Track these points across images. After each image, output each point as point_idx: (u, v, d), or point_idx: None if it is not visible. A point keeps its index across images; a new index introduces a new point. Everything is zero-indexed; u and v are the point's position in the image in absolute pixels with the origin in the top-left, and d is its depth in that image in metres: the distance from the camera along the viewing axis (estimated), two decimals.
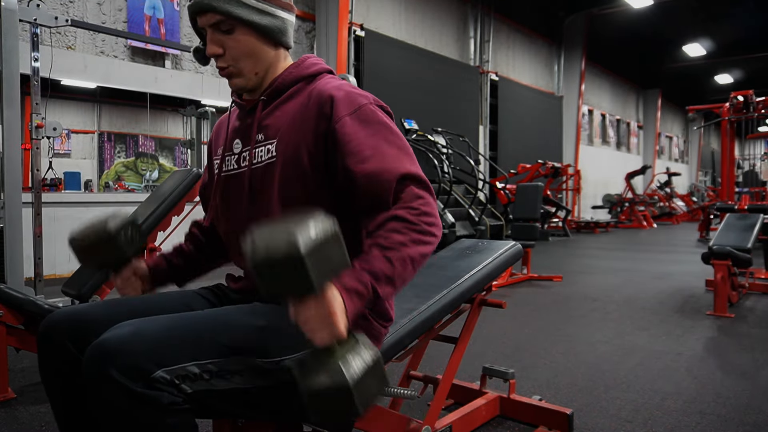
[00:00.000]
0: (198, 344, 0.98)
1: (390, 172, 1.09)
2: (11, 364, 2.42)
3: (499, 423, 2.03)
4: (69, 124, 7.99)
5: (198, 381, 0.96)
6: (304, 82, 1.24)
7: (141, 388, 0.90)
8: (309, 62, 1.27)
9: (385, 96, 7.55)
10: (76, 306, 1.18)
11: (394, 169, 1.09)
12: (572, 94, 15.06)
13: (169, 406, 0.92)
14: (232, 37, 1.16)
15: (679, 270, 6.19)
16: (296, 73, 1.24)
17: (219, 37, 1.17)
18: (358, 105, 1.16)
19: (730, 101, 7.54)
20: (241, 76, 1.20)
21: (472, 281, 1.64)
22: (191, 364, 0.96)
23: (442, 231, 1.11)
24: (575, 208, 13.96)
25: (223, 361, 0.99)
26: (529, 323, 3.62)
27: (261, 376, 1.03)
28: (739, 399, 2.28)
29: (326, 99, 1.16)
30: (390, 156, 1.11)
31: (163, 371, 0.93)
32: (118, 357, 0.91)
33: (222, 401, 1.01)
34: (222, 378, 0.99)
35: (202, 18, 1.17)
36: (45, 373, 1.13)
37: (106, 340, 0.94)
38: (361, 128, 1.13)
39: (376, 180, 1.09)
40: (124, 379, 0.90)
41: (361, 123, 1.14)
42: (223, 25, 1.15)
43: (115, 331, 0.95)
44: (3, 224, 2.77)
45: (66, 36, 5.87)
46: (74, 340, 1.10)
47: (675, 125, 24.03)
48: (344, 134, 1.13)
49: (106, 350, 0.92)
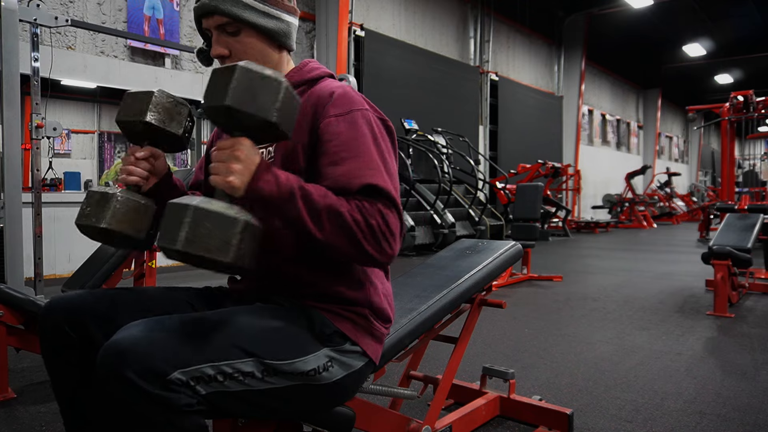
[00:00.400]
0: (213, 346, 0.99)
1: (357, 178, 1.06)
2: (11, 364, 2.42)
3: (499, 423, 2.03)
4: (69, 124, 8.00)
5: (212, 383, 0.97)
6: (306, 86, 1.24)
7: (158, 389, 0.90)
8: (310, 66, 1.28)
9: (385, 96, 7.62)
10: (69, 294, 1.18)
11: (361, 177, 1.06)
12: (572, 94, 15.06)
13: (184, 407, 0.92)
14: (238, 39, 1.17)
15: (679, 270, 6.19)
16: (298, 77, 1.24)
17: (225, 39, 1.17)
18: (350, 108, 1.14)
19: (730, 101, 7.54)
20: None
21: (472, 281, 1.64)
22: (207, 366, 0.96)
23: (390, 254, 1.06)
24: (575, 208, 13.97)
25: (238, 363, 1.00)
26: (529, 323, 3.62)
27: (273, 377, 1.04)
28: (739, 399, 2.28)
29: (325, 96, 1.16)
30: (363, 163, 1.08)
31: (179, 373, 0.92)
32: (134, 358, 0.90)
33: (234, 402, 1.01)
34: (235, 380, 0.99)
35: (208, 20, 1.17)
36: (47, 356, 1.14)
37: (120, 340, 0.93)
38: (346, 130, 1.11)
39: (340, 183, 1.06)
40: (140, 380, 0.89)
41: (347, 125, 1.12)
42: (229, 27, 1.16)
43: (129, 331, 0.95)
44: (3, 224, 2.77)
45: (66, 36, 5.87)
46: (71, 324, 1.11)
47: (675, 125, 24.03)
48: (327, 132, 1.12)
49: (121, 351, 0.91)
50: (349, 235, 1.02)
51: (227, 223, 0.93)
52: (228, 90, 0.95)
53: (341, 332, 1.15)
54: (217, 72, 0.99)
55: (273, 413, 1.13)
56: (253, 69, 0.97)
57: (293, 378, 1.07)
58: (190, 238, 0.92)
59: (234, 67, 0.96)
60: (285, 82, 0.99)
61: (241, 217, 0.94)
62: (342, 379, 1.14)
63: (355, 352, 1.16)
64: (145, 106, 1.16)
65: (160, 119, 1.17)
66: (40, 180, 2.99)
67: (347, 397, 1.22)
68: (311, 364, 1.09)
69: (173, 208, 0.95)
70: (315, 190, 1.03)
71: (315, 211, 1.01)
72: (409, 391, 1.54)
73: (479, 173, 9.41)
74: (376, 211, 1.04)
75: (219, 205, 0.95)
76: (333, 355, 1.13)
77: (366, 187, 1.05)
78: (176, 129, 1.19)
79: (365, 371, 1.21)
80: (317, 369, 1.09)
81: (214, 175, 0.98)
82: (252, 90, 0.96)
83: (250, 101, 0.96)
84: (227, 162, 0.98)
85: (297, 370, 1.06)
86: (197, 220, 0.92)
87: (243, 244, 0.94)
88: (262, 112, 0.97)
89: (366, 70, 8.86)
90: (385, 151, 1.13)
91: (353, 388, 1.21)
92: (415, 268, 1.85)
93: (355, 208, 1.03)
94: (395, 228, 1.06)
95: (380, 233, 1.03)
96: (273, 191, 1.00)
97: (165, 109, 1.17)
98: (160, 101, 1.17)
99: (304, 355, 1.08)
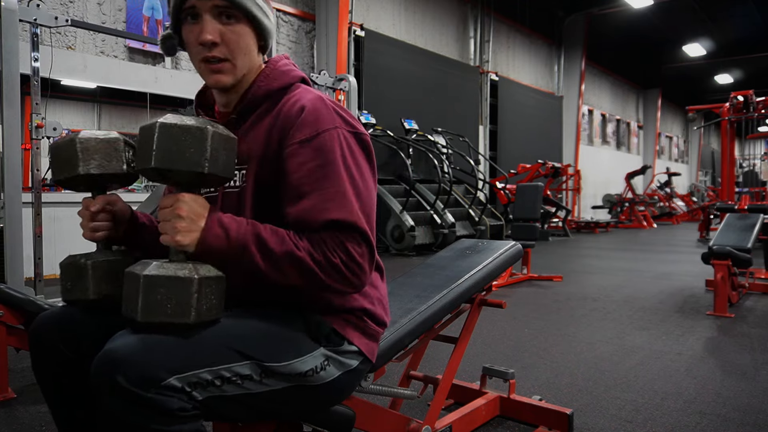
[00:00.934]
0: (210, 350, 0.97)
1: (319, 213, 1.01)
2: (11, 364, 2.41)
3: (499, 423, 2.03)
4: (69, 124, 7.99)
5: (209, 387, 0.95)
6: (274, 98, 1.16)
7: (151, 395, 0.88)
8: (280, 70, 1.19)
9: (385, 96, 7.59)
10: (62, 308, 1.17)
11: (323, 212, 1.01)
12: (572, 94, 15.06)
13: (178, 411, 0.91)
14: (232, 27, 1.09)
15: (679, 270, 6.19)
16: (266, 86, 1.16)
17: (218, 24, 1.09)
18: (317, 130, 1.06)
19: (730, 101, 7.54)
20: (231, 74, 1.12)
21: (472, 281, 1.64)
22: (204, 371, 0.95)
23: (358, 284, 1.04)
24: (575, 208, 13.97)
25: (236, 366, 0.99)
26: (529, 323, 3.62)
27: (271, 379, 1.04)
28: (739, 399, 2.28)
29: (293, 116, 1.09)
30: (327, 196, 1.02)
31: (175, 378, 0.91)
32: (129, 366, 0.88)
33: (231, 406, 1.00)
34: (233, 383, 0.98)
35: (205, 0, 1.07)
36: (39, 375, 1.13)
37: (115, 349, 0.91)
38: (310, 159, 1.05)
39: (302, 220, 1.02)
40: (135, 387, 0.88)
41: (312, 152, 1.05)
42: (226, 12, 1.08)
43: (123, 339, 0.93)
44: (3, 224, 2.77)
45: (66, 36, 5.87)
46: (64, 341, 1.10)
47: (675, 125, 24.03)
48: (290, 163, 1.06)
49: (115, 359, 0.89)
50: (313, 277, 1.01)
51: (180, 285, 0.92)
52: (152, 151, 0.93)
53: (336, 331, 1.14)
54: (141, 131, 0.96)
55: (270, 415, 1.13)
56: (174, 123, 0.93)
57: (291, 379, 1.06)
58: (147, 307, 0.92)
59: (154, 124, 0.94)
60: (210, 129, 0.95)
61: (195, 275, 0.93)
62: (338, 378, 1.14)
63: (350, 351, 1.16)
64: (75, 157, 1.09)
65: (97, 165, 1.10)
66: (40, 180, 2.99)
67: (343, 396, 1.21)
68: (309, 364, 1.08)
69: (127, 278, 0.96)
70: (271, 236, 1.00)
71: (273, 260, 0.99)
72: (409, 391, 1.54)
73: (479, 173, 9.40)
74: (339, 246, 1.01)
75: (171, 267, 0.93)
76: (329, 354, 1.12)
77: (328, 223, 1.01)
78: (118, 167, 1.12)
79: (361, 370, 1.20)
80: (314, 369, 1.09)
81: (163, 234, 0.97)
82: (177, 145, 0.93)
83: (177, 158, 0.93)
84: (171, 222, 0.96)
85: (294, 371, 1.06)
86: (150, 287, 0.91)
87: (203, 301, 0.94)
88: (193, 166, 0.94)
89: (366, 70, 8.86)
90: (355, 173, 1.07)
91: (350, 387, 1.20)
92: (415, 268, 1.85)
93: (316, 248, 1.00)
94: (362, 259, 1.03)
95: (346, 269, 1.01)
96: (223, 246, 0.98)
97: (97, 152, 1.10)
98: (88, 145, 1.10)
99: (302, 356, 1.07)
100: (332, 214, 1.01)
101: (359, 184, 1.07)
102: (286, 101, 1.14)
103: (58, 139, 1.13)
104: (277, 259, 0.99)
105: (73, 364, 1.10)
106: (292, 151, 1.06)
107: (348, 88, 4.45)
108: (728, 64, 18.59)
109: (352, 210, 1.03)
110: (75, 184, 1.14)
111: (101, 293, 1.11)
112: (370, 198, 1.09)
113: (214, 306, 0.96)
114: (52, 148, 1.13)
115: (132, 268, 0.96)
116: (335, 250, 1.01)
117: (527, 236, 5.52)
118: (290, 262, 1.00)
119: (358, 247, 1.02)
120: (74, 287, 1.12)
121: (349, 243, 1.02)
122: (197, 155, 0.94)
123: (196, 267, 0.95)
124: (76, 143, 1.09)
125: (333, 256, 1.00)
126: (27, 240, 2.86)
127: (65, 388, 1.12)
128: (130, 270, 0.96)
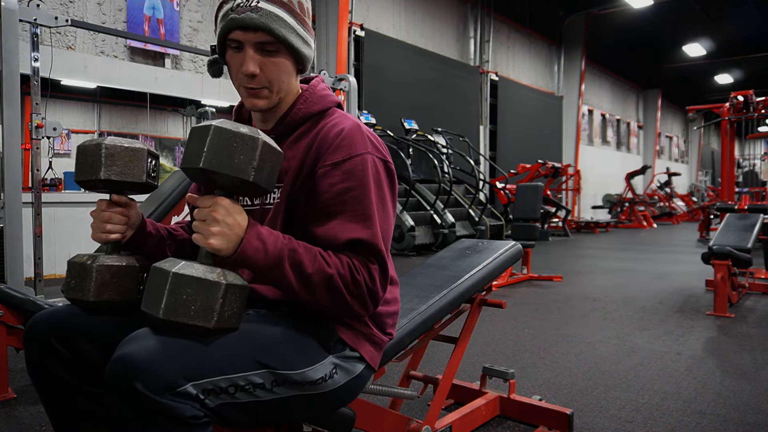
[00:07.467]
0: (228, 358, 0.97)
1: (342, 232, 1.07)
2: (11, 364, 2.41)
3: (499, 423, 2.03)
4: (69, 124, 7.98)
5: (222, 395, 0.95)
6: (311, 124, 1.21)
7: (166, 400, 0.88)
8: (318, 95, 1.24)
9: (385, 96, 7.59)
10: (57, 307, 1.17)
11: (347, 232, 1.06)
12: (572, 94, 15.06)
13: (191, 419, 0.90)
14: (273, 59, 1.14)
15: (679, 270, 6.19)
16: (306, 109, 1.21)
17: (259, 56, 1.13)
18: (350, 154, 1.12)
19: (730, 101, 7.54)
20: (268, 99, 1.18)
21: (472, 281, 1.64)
22: (220, 378, 0.95)
23: (372, 308, 1.09)
24: (575, 208, 13.96)
25: (251, 375, 0.99)
26: (529, 323, 3.62)
27: (281, 387, 1.04)
28: (739, 399, 2.28)
29: (330, 139, 1.14)
30: (353, 217, 1.08)
31: (191, 385, 0.91)
32: (147, 372, 0.88)
33: (240, 414, 1.00)
34: (246, 391, 0.98)
35: (247, 34, 1.11)
36: (34, 373, 1.13)
37: (133, 353, 0.90)
38: (340, 181, 1.10)
39: (327, 237, 1.07)
40: (152, 393, 0.87)
41: (342, 175, 1.10)
42: (269, 47, 1.13)
43: (140, 343, 0.92)
44: (3, 224, 2.77)
45: (66, 36, 5.87)
46: (58, 339, 1.10)
47: (675, 125, 24.03)
48: (321, 183, 1.11)
49: (134, 364, 0.88)
50: (338, 296, 1.04)
51: (208, 288, 0.92)
52: (203, 152, 0.94)
53: (343, 339, 1.15)
54: (193, 131, 0.98)
55: (276, 421, 1.13)
56: (228, 128, 0.95)
57: (302, 388, 1.06)
58: (171, 305, 0.91)
59: (208, 127, 0.95)
60: (261, 138, 0.97)
61: (223, 281, 0.93)
62: (344, 384, 1.15)
63: (355, 358, 1.17)
64: (99, 161, 1.10)
65: (118, 172, 1.11)
66: (40, 180, 2.99)
67: (347, 402, 1.22)
68: (320, 372, 1.09)
69: (155, 273, 0.95)
70: (306, 254, 1.03)
71: (304, 277, 1.02)
72: (409, 391, 1.54)
73: (479, 173, 9.40)
74: (362, 264, 1.06)
75: (200, 269, 0.94)
76: (337, 362, 1.13)
77: (351, 242, 1.06)
78: (138, 176, 1.14)
79: (365, 376, 1.21)
80: (324, 377, 1.10)
81: (196, 233, 0.98)
82: (227, 150, 0.94)
83: (226, 162, 0.94)
84: (206, 223, 0.97)
85: (307, 379, 1.06)
86: (178, 286, 0.91)
87: (226, 307, 0.94)
88: (239, 173, 0.95)
89: (366, 70, 8.86)
90: (379, 197, 1.12)
91: (354, 392, 1.21)
92: (415, 268, 1.85)
93: (344, 264, 1.04)
94: (379, 279, 1.08)
95: (365, 288, 1.06)
96: (260, 259, 1.00)
97: (121, 159, 1.12)
98: (113, 152, 1.11)
99: (314, 364, 1.08)
100: (354, 233, 1.06)
101: (383, 207, 1.13)
102: (325, 124, 1.19)
103: (86, 141, 1.14)
104: (309, 276, 1.02)
105: (68, 361, 1.10)
106: (324, 172, 1.11)
107: (348, 88, 4.45)
108: (728, 64, 18.59)
109: (375, 233, 1.08)
110: (93, 186, 1.15)
111: (101, 297, 1.11)
112: (389, 224, 1.14)
113: (235, 314, 0.97)
114: (78, 149, 1.14)
115: (161, 264, 0.96)
116: (359, 268, 1.05)
117: (527, 236, 5.53)
118: (321, 279, 1.02)
119: (376, 268, 1.08)
120: (77, 286, 1.12)
121: (371, 263, 1.07)
122: (245, 163, 0.95)
123: (225, 272, 0.95)
124: (102, 148, 1.11)
125: (357, 273, 1.05)
126: (27, 240, 2.85)
127: (60, 386, 1.12)
128: (158, 265, 0.96)
